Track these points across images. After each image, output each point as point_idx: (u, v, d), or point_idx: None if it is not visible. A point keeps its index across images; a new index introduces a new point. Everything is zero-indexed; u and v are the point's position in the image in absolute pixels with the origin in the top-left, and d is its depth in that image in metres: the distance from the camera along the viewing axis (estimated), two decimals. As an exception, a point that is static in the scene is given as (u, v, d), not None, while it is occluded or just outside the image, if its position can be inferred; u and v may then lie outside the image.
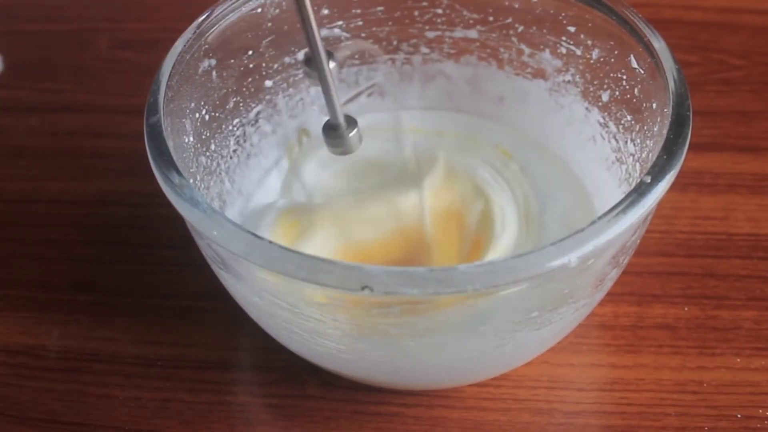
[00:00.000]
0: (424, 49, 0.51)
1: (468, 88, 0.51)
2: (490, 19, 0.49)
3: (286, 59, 0.49)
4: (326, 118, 0.41)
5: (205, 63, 0.45)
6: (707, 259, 0.50)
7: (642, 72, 0.44)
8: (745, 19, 0.63)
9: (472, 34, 0.50)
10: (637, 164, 0.44)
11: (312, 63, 0.39)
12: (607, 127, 0.47)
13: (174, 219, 0.41)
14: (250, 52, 0.48)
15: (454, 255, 0.46)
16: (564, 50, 0.48)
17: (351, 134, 0.41)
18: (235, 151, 0.49)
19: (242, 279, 0.40)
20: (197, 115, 0.45)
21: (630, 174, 0.45)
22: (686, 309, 0.48)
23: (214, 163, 0.47)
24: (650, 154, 0.42)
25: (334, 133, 0.42)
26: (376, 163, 0.49)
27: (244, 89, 0.48)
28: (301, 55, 0.50)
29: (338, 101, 0.40)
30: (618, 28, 0.44)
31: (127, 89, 0.61)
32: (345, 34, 0.50)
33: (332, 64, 0.40)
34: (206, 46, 0.45)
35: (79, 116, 0.59)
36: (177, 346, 0.48)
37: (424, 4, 0.50)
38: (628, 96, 0.45)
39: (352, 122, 0.42)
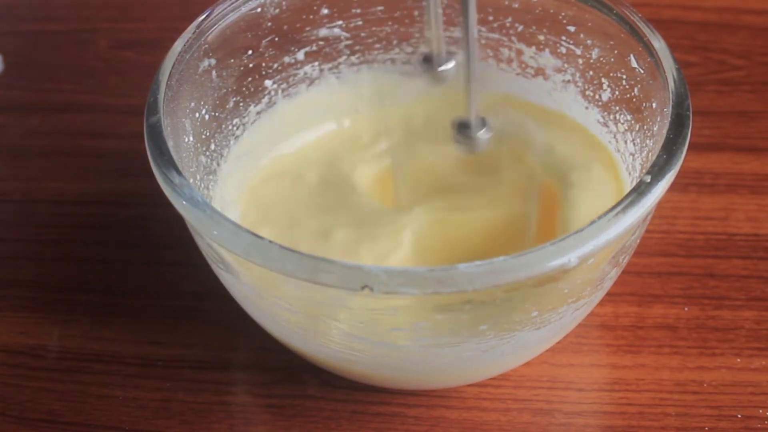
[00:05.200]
0: (424, 49, 0.51)
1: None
2: (490, 18, 0.49)
3: (286, 59, 0.49)
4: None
5: (205, 63, 0.45)
6: (707, 259, 0.50)
7: (642, 72, 0.44)
8: (745, 19, 0.63)
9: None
10: (637, 164, 0.44)
11: (430, 62, 0.39)
12: (607, 126, 0.47)
13: (174, 219, 0.41)
14: (250, 52, 0.48)
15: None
16: (564, 50, 0.48)
17: (482, 135, 0.41)
18: (235, 151, 0.49)
19: (242, 279, 0.40)
20: (197, 114, 0.45)
21: (630, 174, 0.45)
22: (686, 309, 0.48)
23: (214, 163, 0.47)
24: (650, 154, 0.42)
25: (464, 131, 0.41)
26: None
27: (244, 89, 0.48)
28: (301, 55, 0.50)
29: (477, 100, 0.40)
30: (618, 28, 0.44)
31: (127, 89, 0.61)
32: (345, 33, 0.50)
33: (453, 63, 0.40)
34: (206, 46, 0.45)
35: (79, 116, 0.59)
36: (177, 346, 0.48)
37: (424, 4, 0.50)
38: (628, 96, 0.45)
39: (484, 123, 0.41)
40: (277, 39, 0.48)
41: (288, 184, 0.48)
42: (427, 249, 0.45)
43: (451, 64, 0.40)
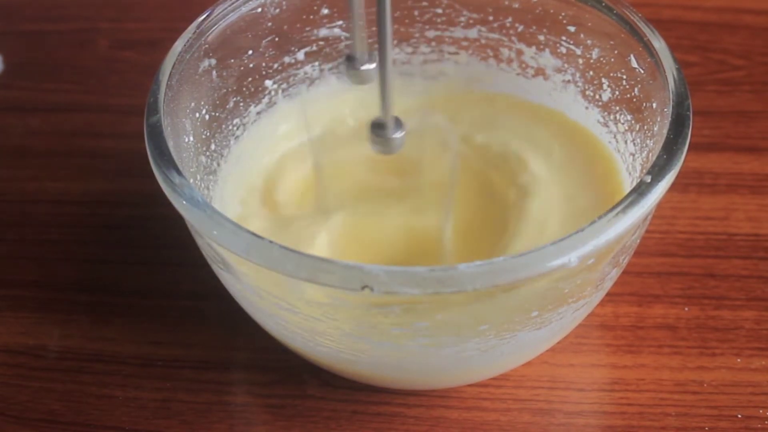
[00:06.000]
0: (424, 49, 0.51)
1: (468, 88, 0.51)
2: (490, 18, 0.49)
3: (286, 59, 0.49)
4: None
5: (205, 63, 0.45)
6: (707, 259, 0.50)
7: (642, 72, 0.44)
8: (745, 19, 0.63)
9: (472, 34, 0.50)
10: (637, 164, 0.44)
11: (353, 61, 0.39)
12: (607, 126, 0.47)
13: (174, 219, 0.41)
14: (250, 52, 0.48)
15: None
16: (564, 50, 0.48)
17: (396, 135, 0.41)
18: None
19: (242, 279, 0.40)
20: (197, 114, 0.45)
21: (630, 174, 0.45)
22: (686, 309, 0.48)
23: (214, 163, 0.47)
24: (650, 154, 0.42)
25: (380, 131, 0.41)
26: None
27: (244, 89, 0.48)
28: (301, 55, 0.50)
29: (391, 101, 0.40)
30: (618, 28, 0.44)
31: (127, 89, 0.61)
32: (345, 33, 0.50)
33: (372, 65, 0.40)
34: (206, 46, 0.45)
35: (79, 116, 0.59)
36: (177, 346, 0.48)
37: (424, 4, 0.50)
38: (628, 96, 0.45)
39: (399, 124, 0.41)
40: (277, 39, 0.48)
41: (285, 188, 0.48)
42: (343, 253, 0.45)
43: (372, 65, 0.40)
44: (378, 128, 0.41)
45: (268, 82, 0.49)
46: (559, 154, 0.48)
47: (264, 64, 0.49)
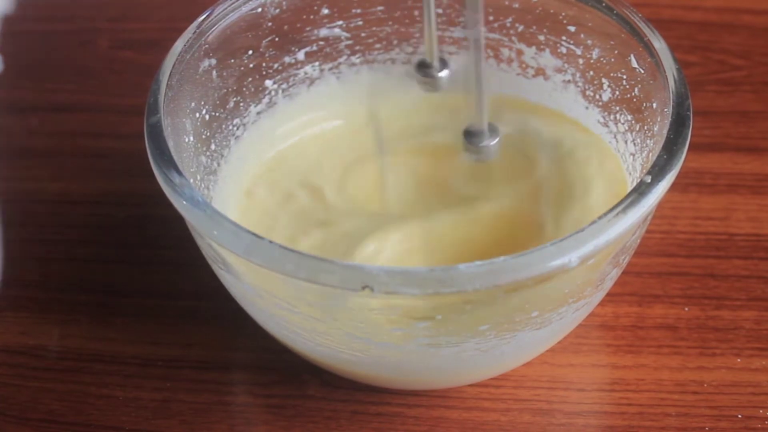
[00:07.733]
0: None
1: (468, 88, 0.51)
2: (490, 18, 0.49)
3: (286, 59, 0.49)
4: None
5: (205, 63, 0.46)
6: (708, 259, 0.50)
7: (642, 72, 0.44)
8: (745, 19, 0.63)
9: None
10: (637, 164, 0.44)
11: (426, 69, 0.38)
12: (607, 126, 0.47)
13: (174, 219, 0.41)
14: (250, 52, 0.48)
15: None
16: (564, 50, 0.48)
17: (492, 143, 0.41)
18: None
19: (242, 279, 0.40)
20: (197, 114, 0.45)
21: (630, 174, 0.45)
22: (687, 309, 0.48)
23: (215, 163, 0.47)
24: (650, 154, 0.42)
25: (474, 139, 0.41)
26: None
27: (244, 89, 0.48)
28: (301, 55, 0.50)
29: (486, 108, 0.39)
30: (618, 28, 0.44)
31: (127, 89, 0.61)
32: (345, 33, 0.50)
33: (446, 72, 0.39)
34: (206, 46, 0.45)
35: (79, 116, 0.59)
36: (177, 346, 0.48)
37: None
38: (628, 96, 0.45)
39: (494, 130, 0.41)
40: (277, 39, 0.48)
41: (286, 189, 0.48)
42: (435, 253, 0.45)
43: (446, 72, 0.40)
44: (472, 136, 0.40)
45: (268, 82, 0.49)
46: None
47: (264, 64, 0.49)
